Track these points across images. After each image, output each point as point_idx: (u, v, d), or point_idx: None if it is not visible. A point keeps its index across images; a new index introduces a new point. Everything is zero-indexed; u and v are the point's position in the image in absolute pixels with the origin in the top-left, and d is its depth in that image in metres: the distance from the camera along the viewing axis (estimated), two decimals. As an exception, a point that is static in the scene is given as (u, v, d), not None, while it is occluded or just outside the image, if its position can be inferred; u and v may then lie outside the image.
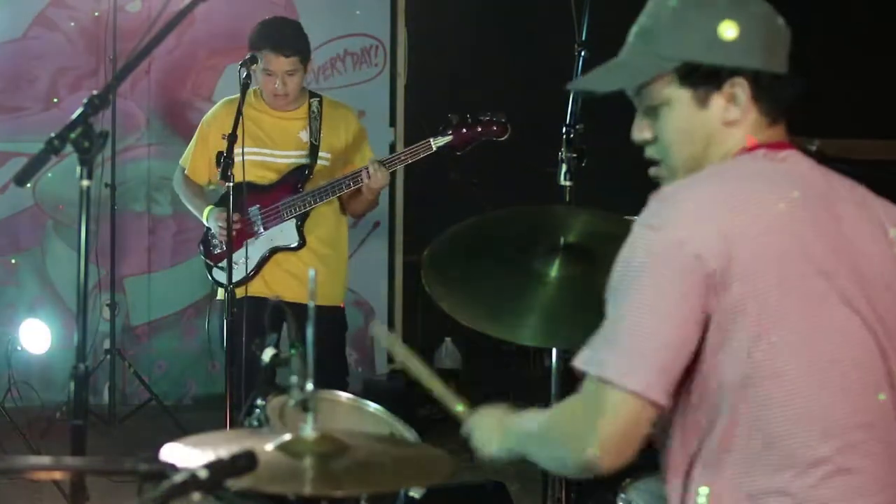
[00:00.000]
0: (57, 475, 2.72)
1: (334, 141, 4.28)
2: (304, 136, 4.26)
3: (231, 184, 3.90)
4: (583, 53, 3.10)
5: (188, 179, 4.36)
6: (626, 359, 1.63)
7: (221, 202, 4.17)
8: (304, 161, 4.23)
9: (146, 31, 2.21)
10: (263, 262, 4.20)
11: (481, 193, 5.97)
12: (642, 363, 1.63)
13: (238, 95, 4.08)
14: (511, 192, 4.16)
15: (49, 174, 5.83)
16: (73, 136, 1.97)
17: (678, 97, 1.79)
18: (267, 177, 4.21)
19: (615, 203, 2.58)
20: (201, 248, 4.30)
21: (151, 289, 6.21)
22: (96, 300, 5.82)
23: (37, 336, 5.65)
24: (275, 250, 4.20)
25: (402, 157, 4.15)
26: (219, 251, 4.20)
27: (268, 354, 2.13)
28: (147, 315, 6.23)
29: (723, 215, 1.66)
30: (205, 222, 4.22)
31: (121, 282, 6.10)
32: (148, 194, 6.19)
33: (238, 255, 4.04)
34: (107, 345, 5.84)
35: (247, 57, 4.08)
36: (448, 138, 4.04)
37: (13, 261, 6.07)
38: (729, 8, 1.76)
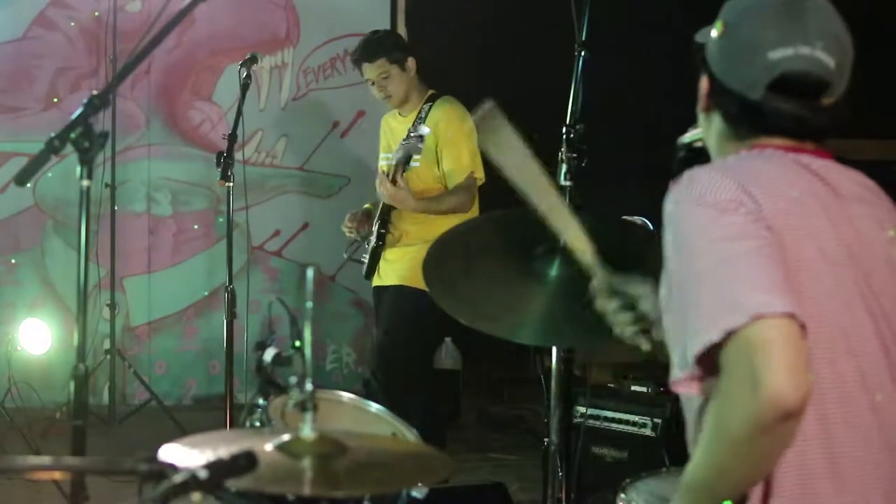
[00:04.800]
0: (57, 475, 2.71)
1: (427, 140, 4.23)
2: None
3: (231, 184, 3.90)
4: (583, 53, 3.10)
5: None
6: (754, 294, 1.55)
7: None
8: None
9: (146, 31, 2.21)
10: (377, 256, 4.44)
11: (481, 193, 5.96)
12: (771, 290, 1.55)
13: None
14: (511, 193, 4.16)
15: (49, 174, 5.82)
16: (73, 136, 1.98)
17: None
18: None
19: (615, 203, 2.58)
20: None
21: (151, 289, 6.21)
22: (96, 300, 5.81)
23: (37, 336, 5.65)
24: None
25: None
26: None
27: (269, 354, 2.12)
28: (147, 315, 6.22)
29: (751, 184, 1.67)
30: None
31: (121, 282, 6.10)
32: (148, 194, 6.19)
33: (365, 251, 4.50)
34: (107, 345, 5.84)
35: (247, 57, 4.08)
36: None
37: (13, 261, 6.07)
38: None
